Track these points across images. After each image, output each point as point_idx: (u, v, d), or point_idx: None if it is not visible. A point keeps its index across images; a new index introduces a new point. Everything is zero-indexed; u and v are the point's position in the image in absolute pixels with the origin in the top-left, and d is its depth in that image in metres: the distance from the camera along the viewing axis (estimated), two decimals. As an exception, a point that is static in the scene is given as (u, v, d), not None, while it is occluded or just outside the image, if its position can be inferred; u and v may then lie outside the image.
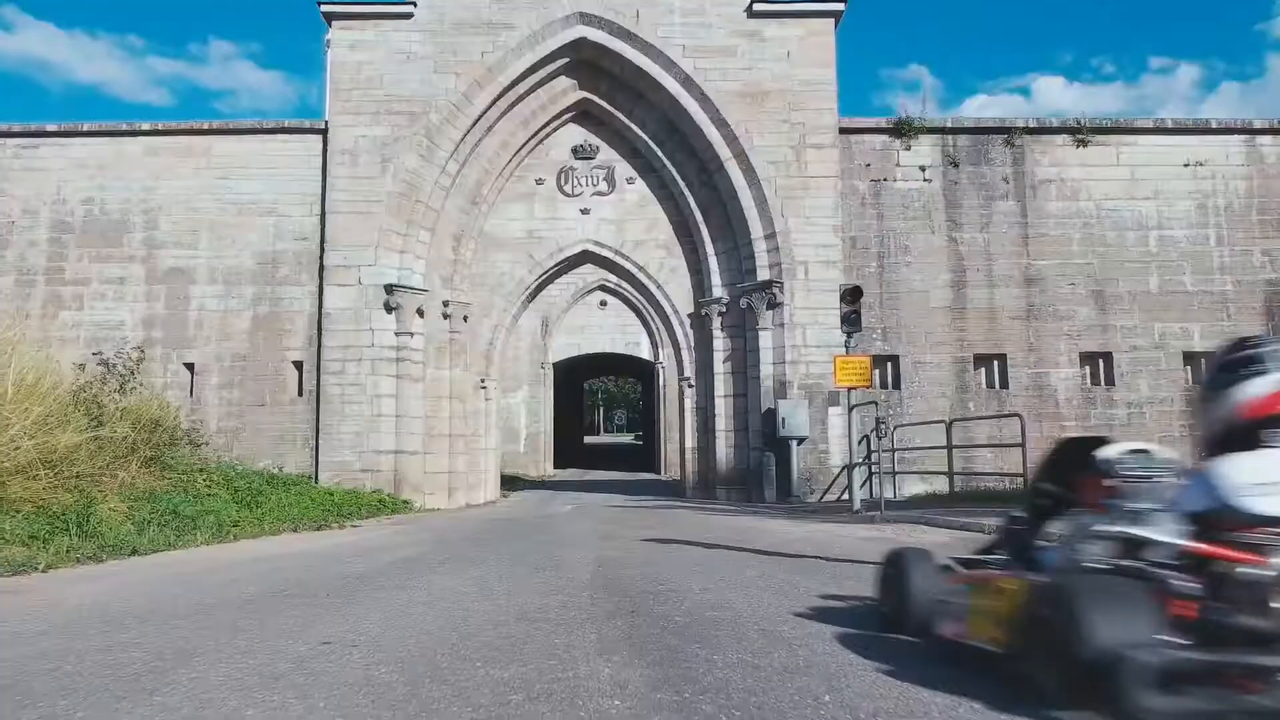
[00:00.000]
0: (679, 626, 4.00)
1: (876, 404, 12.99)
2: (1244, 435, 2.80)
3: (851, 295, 12.90)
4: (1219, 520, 2.67)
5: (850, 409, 12.88)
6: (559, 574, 6.00)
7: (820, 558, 6.76)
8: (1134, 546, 2.80)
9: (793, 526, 10.02)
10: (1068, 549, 3.10)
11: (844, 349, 13.08)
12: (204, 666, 3.36)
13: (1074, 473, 3.25)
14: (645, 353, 28.48)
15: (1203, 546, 2.64)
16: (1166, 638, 2.44)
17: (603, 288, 27.13)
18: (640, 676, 3.08)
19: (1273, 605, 2.43)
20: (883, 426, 12.03)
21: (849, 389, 12.92)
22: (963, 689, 2.84)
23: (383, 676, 3.15)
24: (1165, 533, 2.74)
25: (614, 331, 28.41)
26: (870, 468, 13.97)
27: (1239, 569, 2.52)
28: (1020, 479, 12.42)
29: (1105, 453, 3.08)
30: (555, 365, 28.41)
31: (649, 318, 26.88)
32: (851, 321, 12.90)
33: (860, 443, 15.86)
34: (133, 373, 12.35)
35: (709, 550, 7.28)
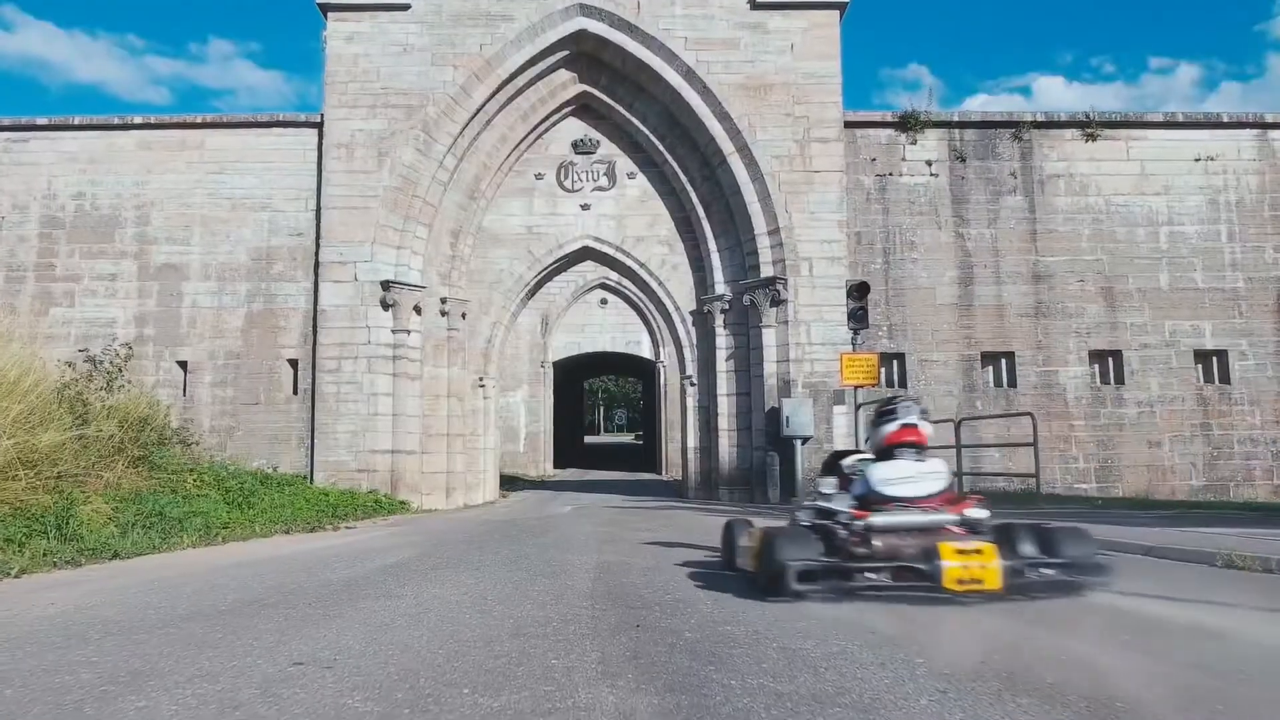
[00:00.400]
0: (689, 644, 3.60)
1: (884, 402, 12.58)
2: (885, 452, 5.11)
3: (859, 291, 12.52)
4: (870, 499, 4.92)
5: (857, 407, 12.49)
6: (558, 581, 5.61)
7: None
8: (828, 512, 5.08)
9: (800, 529, 9.63)
10: (798, 512, 5.65)
11: (850, 346, 12.68)
12: (157, 692, 2.97)
13: (836, 470, 5.62)
14: (646, 351, 28.09)
15: (853, 510, 4.88)
16: (816, 557, 4.61)
17: (603, 286, 26.78)
18: (649, 706, 2.69)
19: (872, 542, 4.66)
20: (891, 425, 11.64)
21: (856, 387, 12.53)
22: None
23: (356, 706, 2.75)
24: (843, 504, 5.01)
25: (614, 330, 28.02)
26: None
27: (859, 522, 4.74)
28: (1033, 479, 12.07)
29: (845, 460, 5.62)
30: (555, 364, 28.01)
31: (650, 316, 26.55)
32: (859, 318, 12.51)
33: (866, 441, 15.50)
34: (120, 370, 11.94)
35: (710, 552, 6.89)
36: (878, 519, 4.72)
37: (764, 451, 15.55)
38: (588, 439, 50.51)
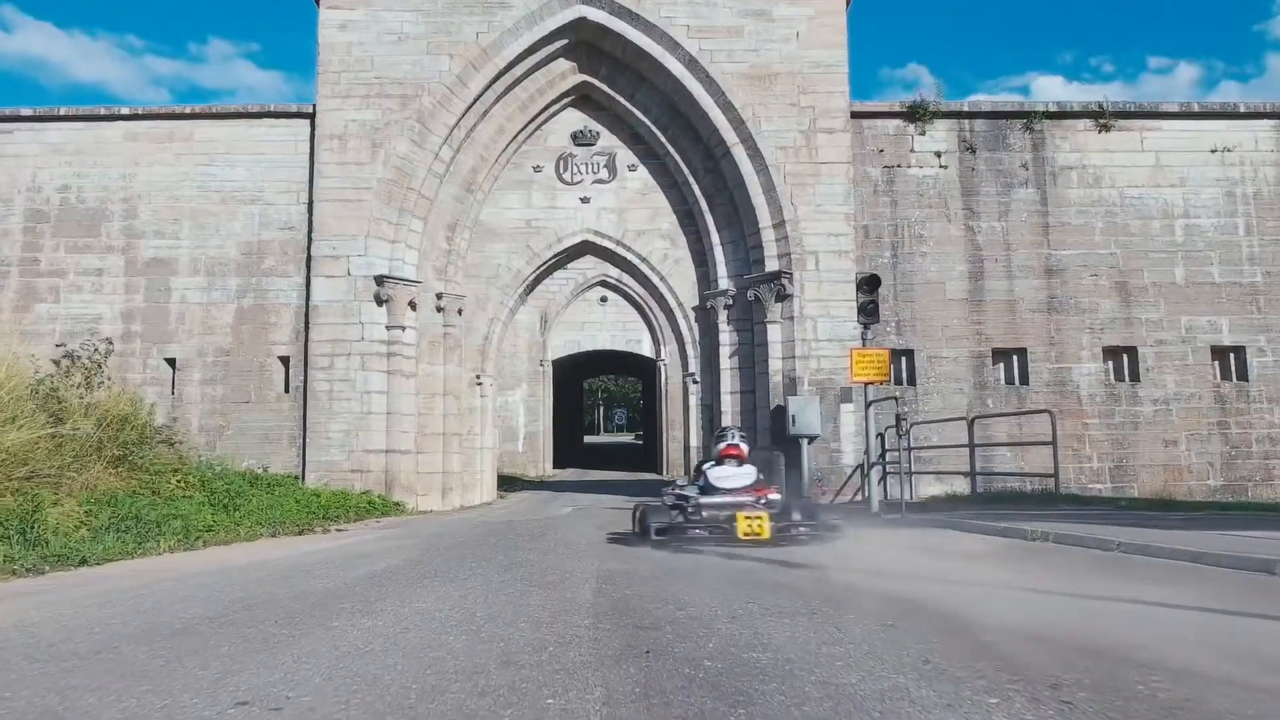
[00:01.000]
0: (711, 676, 3.01)
1: (897, 399, 12.01)
2: (719, 459, 8.46)
3: (869, 284, 11.94)
4: (708, 488, 8.12)
5: (868, 404, 11.90)
6: (556, 593, 5.02)
7: (856, 570, 5.78)
8: (684, 496, 8.03)
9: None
10: (664, 496, 8.41)
11: (860, 341, 12.10)
12: (59, 746, 2.38)
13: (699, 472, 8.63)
14: (647, 350, 27.48)
15: (695, 496, 8.01)
16: (667, 521, 7.57)
17: (603, 283, 26.18)
18: (668, 769, 2.11)
19: (702, 512, 7.71)
20: (904, 423, 11.06)
21: (866, 384, 11.95)
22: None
23: (299, 770, 2.16)
24: (691, 492, 8.12)
25: (615, 328, 27.40)
26: (885, 468, 13.01)
27: (695, 501, 7.90)
28: (1051, 479, 11.50)
29: (703, 466, 8.63)
30: (554, 363, 27.40)
31: (650, 314, 25.98)
32: (869, 312, 11.93)
33: (875, 440, 14.92)
34: (100, 366, 11.34)
35: (728, 562, 6.30)
36: (704, 499, 8.03)
37: (769, 451, 14.93)
38: (587, 439, 49.88)
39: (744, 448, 8.59)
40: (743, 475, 8.30)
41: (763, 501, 7.86)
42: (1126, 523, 8.68)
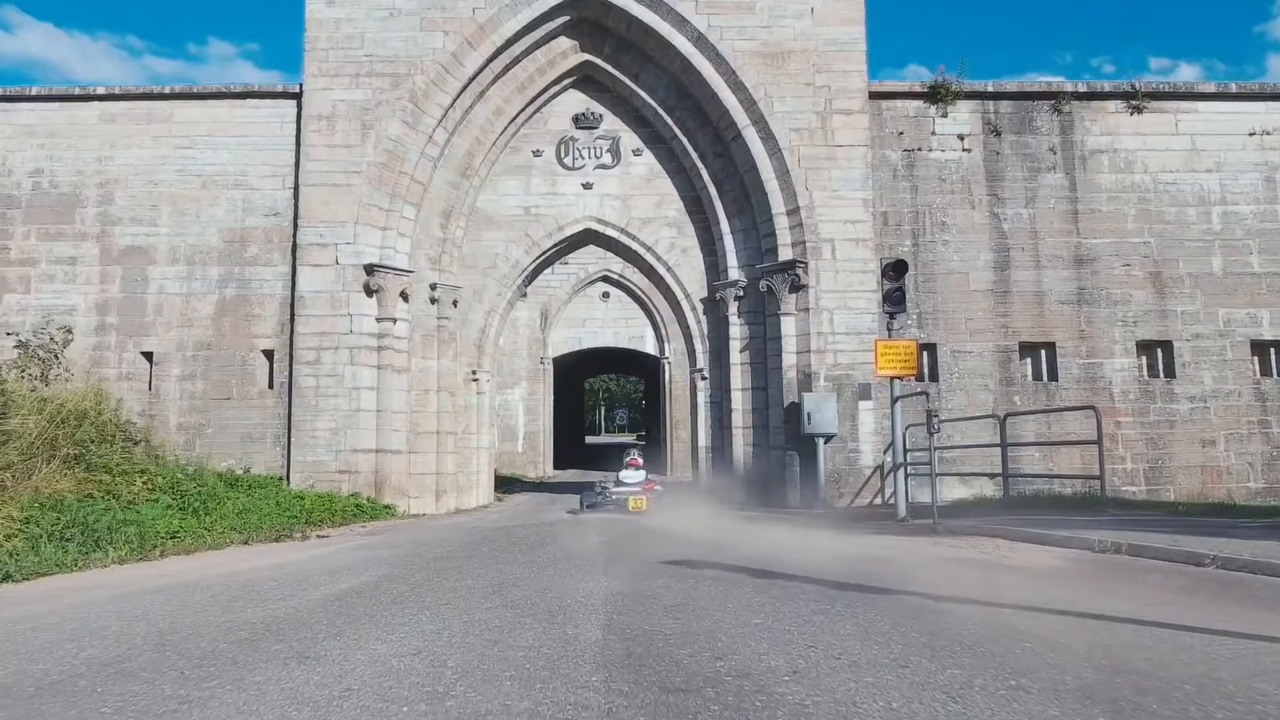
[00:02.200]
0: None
1: (928, 395, 10.88)
2: (625, 467, 14.24)
3: (895, 270, 10.81)
4: (619, 483, 13.75)
5: (894, 400, 10.76)
6: (553, 629, 3.88)
7: (922, 595, 4.64)
8: (605, 487, 13.77)
9: (843, 541, 7.89)
10: (597, 486, 14.29)
11: (886, 332, 10.97)
12: None
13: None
14: (650, 347, 26.31)
15: (611, 487, 13.67)
16: (594, 501, 13.26)
17: (605, 278, 25.05)
18: None
19: (611, 496, 13.12)
20: (935, 421, 9.92)
21: (892, 378, 10.81)
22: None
23: None
24: (611, 485, 13.83)
25: (617, 325, 26.23)
26: (906, 469, 11.85)
27: (611, 490, 13.50)
28: (1088, 481, 10.38)
29: (620, 472, 14.31)
30: (555, 361, 26.23)
31: (654, 310, 24.84)
32: (895, 300, 10.79)
33: (903, 439, 13.78)
34: (56, 356, 10.21)
35: (760, 580, 5.17)
36: (614, 490, 13.24)
37: (782, 451, 13.82)
38: (588, 439, 48.64)
39: (639, 460, 14.51)
40: (637, 476, 13.91)
41: (645, 491, 13.18)
42: (1196, 530, 7.54)
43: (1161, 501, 11.99)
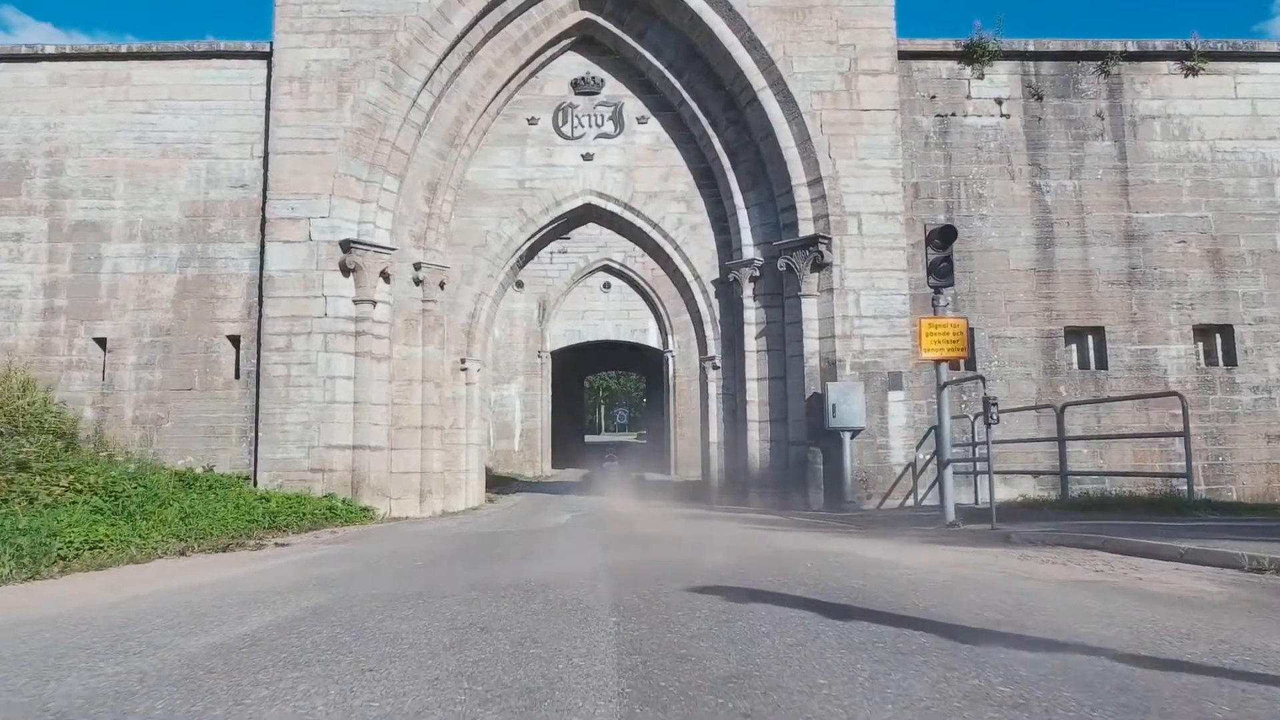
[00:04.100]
0: None
1: (983, 380, 9.27)
2: (607, 459, 27.61)
3: (941, 237, 9.19)
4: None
5: (941, 387, 9.14)
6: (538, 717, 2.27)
7: (1088, 649, 3.02)
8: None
9: (905, 554, 6.27)
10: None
11: (932, 309, 9.35)
12: None
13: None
14: (653, 340, 24.64)
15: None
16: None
17: (606, 268, 23.42)
18: None
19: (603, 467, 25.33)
20: (993, 410, 8.33)
21: (938, 361, 9.19)
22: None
23: None
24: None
25: (618, 317, 24.54)
26: (941, 467, 10.22)
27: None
28: (1183, 480, 8.79)
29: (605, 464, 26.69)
30: (553, 354, 24.55)
31: (657, 301, 23.21)
32: (941, 272, 9.18)
33: (929, 433, 12.17)
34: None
35: (837, 623, 3.54)
36: (604, 464, 25.22)
37: (804, 447, 12.20)
38: (588, 438, 46.90)
39: (615, 456, 22.60)
40: (613, 465, 21.11)
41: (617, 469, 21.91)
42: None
43: (1262, 505, 10.33)
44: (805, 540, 7.31)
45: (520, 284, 23.12)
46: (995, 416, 8.41)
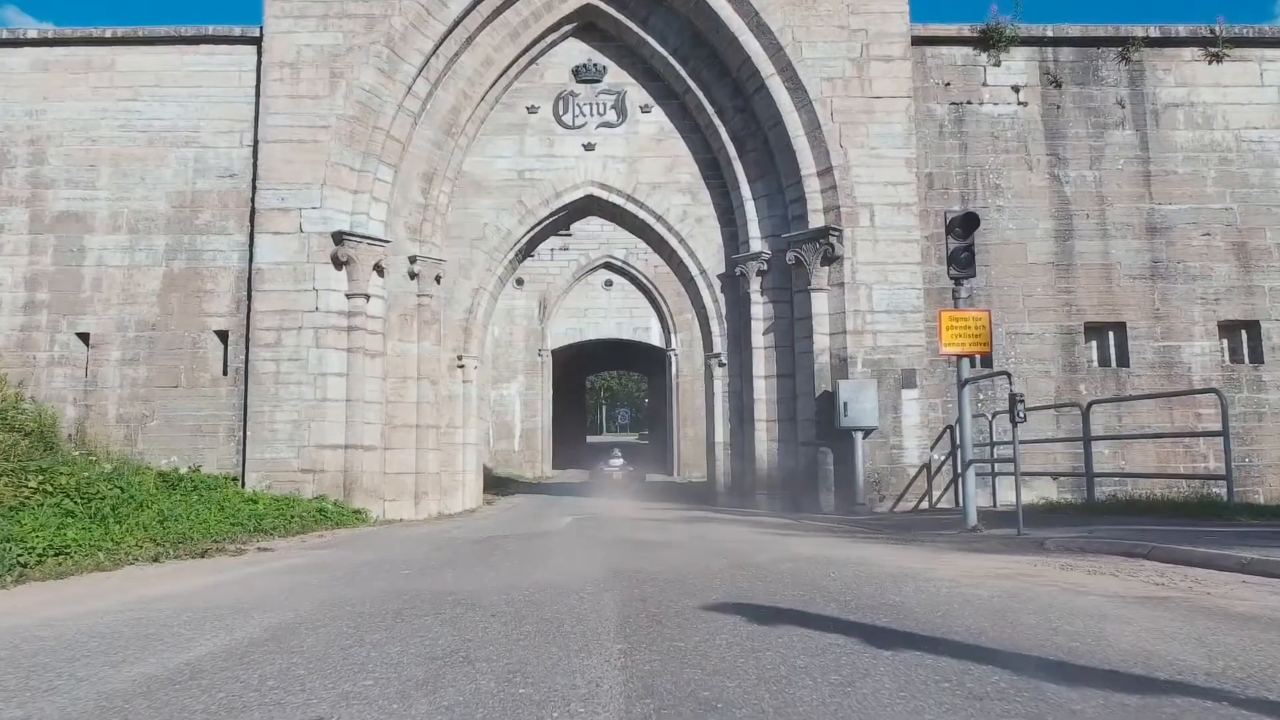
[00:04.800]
0: None
1: (1010, 376, 8.70)
2: (611, 456, 21.02)
3: (963, 225, 8.62)
4: (608, 466, 20.90)
5: (963, 384, 8.57)
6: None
7: (1193, 690, 2.45)
8: (604, 469, 20.67)
9: (937, 563, 5.69)
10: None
11: (951, 302, 8.77)
12: None
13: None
14: (655, 339, 24.07)
15: (603, 467, 21.23)
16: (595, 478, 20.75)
17: (608, 265, 22.86)
18: None
19: (610, 474, 20.23)
20: (1020, 408, 7.76)
21: (959, 356, 8.62)
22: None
23: None
24: (604, 466, 21.09)
25: (620, 315, 23.96)
26: (974, 468, 9.65)
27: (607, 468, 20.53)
28: (1221, 481, 8.22)
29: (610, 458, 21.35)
30: (554, 353, 23.98)
31: (660, 299, 22.65)
32: (962, 262, 8.61)
33: (944, 433, 11.62)
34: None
35: (887, 654, 2.96)
36: (604, 468, 20.07)
37: (813, 447, 11.62)
38: (590, 439, 46.26)
39: (619, 454, 20.56)
40: (622, 460, 20.04)
41: (622, 470, 19.57)
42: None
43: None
44: (824, 547, 6.73)
45: (520, 281, 22.55)
46: (1022, 414, 7.84)
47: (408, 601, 4.35)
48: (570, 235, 22.30)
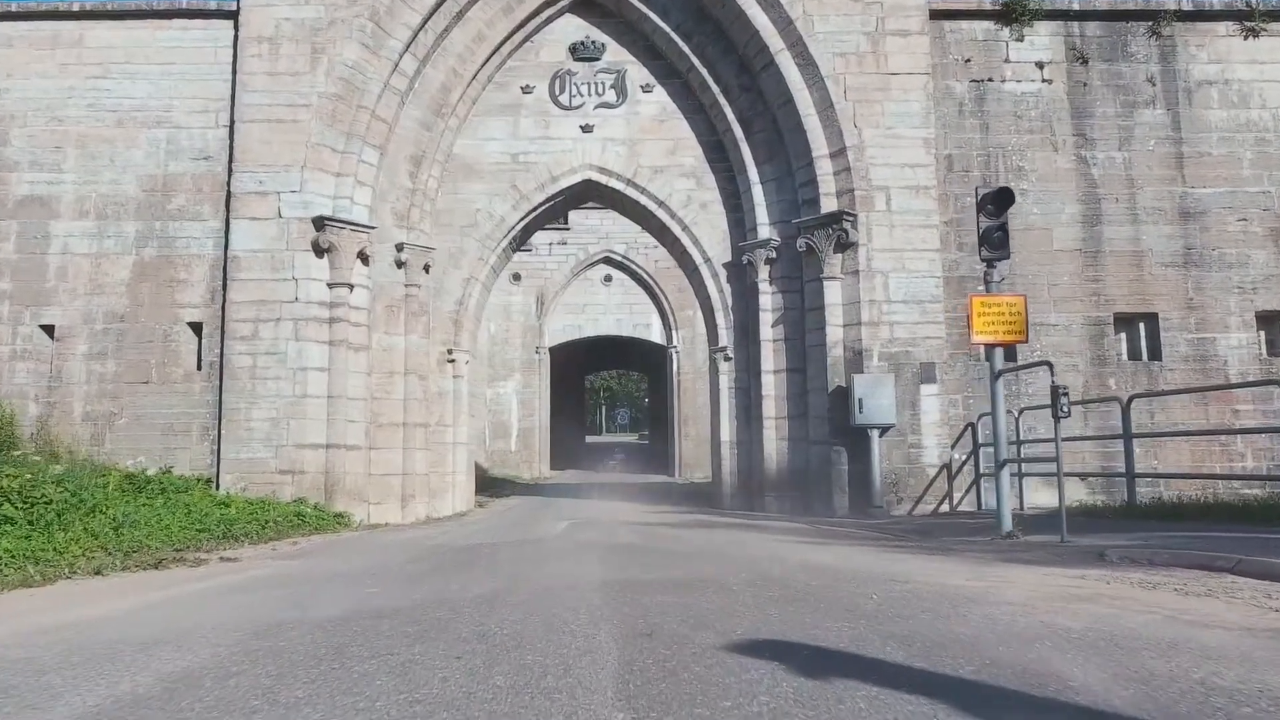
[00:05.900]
0: None
1: (1051, 366, 7.84)
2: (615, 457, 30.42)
3: (996, 203, 7.76)
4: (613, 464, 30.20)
5: (995, 376, 7.70)
6: None
7: None
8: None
9: (984, 577, 4.83)
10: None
11: (984, 286, 7.91)
12: None
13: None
14: (656, 336, 23.19)
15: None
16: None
17: (607, 260, 21.98)
18: None
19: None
20: (1064, 401, 6.91)
21: (991, 345, 7.76)
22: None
23: None
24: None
25: (620, 311, 23.08)
26: (1007, 468, 8.77)
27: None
28: (1260, 483, 7.33)
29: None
30: (552, 350, 23.11)
31: (661, 295, 21.78)
32: (995, 243, 7.75)
33: (965, 430, 10.76)
34: None
35: (961, 714, 2.10)
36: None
37: (826, 446, 10.75)
38: (589, 439, 45.40)
39: (620, 454, 25.19)
40: (620, 450, 24.18)
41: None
42: None
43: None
44: (853, 558, 5.87)
45: (517, 277, 21.69)
46: (1066, 409, 6.98)
47: (358, 633, 3.48)
48: (568, 229, 21.44)
